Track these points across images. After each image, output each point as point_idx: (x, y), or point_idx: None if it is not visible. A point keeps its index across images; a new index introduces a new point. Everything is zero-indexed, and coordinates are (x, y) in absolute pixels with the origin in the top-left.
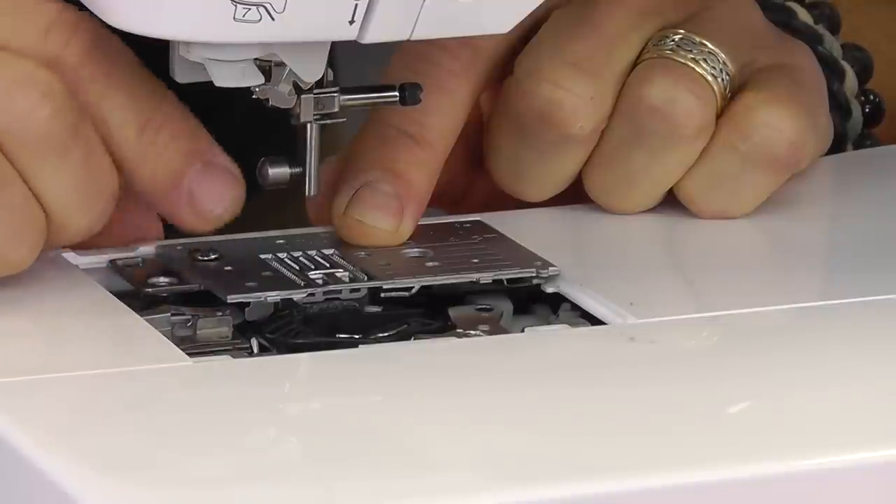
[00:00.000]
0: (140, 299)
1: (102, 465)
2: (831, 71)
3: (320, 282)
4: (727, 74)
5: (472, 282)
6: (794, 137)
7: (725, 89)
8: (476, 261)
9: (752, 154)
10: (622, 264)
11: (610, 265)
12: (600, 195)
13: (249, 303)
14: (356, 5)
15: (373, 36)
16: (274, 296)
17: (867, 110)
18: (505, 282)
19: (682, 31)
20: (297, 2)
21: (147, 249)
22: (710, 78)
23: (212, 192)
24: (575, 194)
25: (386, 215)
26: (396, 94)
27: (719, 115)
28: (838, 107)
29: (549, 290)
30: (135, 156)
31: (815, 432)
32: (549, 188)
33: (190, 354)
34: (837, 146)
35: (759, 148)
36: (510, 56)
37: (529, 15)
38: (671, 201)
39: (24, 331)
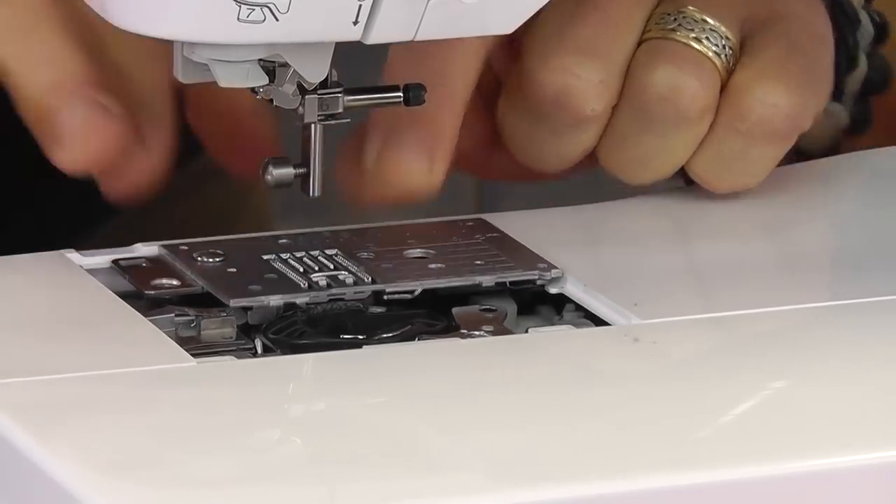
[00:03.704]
0: (143, 299)
1: (106, 466)
2: None
3: (324, 285)
4: (730, 49)
5: (475, 284)
6: (790, 110)
7: (729, 63)
8: (479, 263)
9: (752, 132)
10: (626, 265)
11: (614, 266)
12: (615, 171)
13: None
14: (360, 6)
15: (377, 37)
16: (277, 299)
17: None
18: (508, 284)
19: (682, 9)
20: (300, 3)
21: (150, 249)
22: (711, 55)
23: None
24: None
25: (419, 155)
26: (401, 94)
27: (723, 88)
28: (844, 15)
29: (554, 290)
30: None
31: (820, 433)
32: (567, 162)
33: (194, 355)
34: (850, 60)
35: (758, 126)
36: None
37: None
38: (673, 201)
39: (27, 331)
